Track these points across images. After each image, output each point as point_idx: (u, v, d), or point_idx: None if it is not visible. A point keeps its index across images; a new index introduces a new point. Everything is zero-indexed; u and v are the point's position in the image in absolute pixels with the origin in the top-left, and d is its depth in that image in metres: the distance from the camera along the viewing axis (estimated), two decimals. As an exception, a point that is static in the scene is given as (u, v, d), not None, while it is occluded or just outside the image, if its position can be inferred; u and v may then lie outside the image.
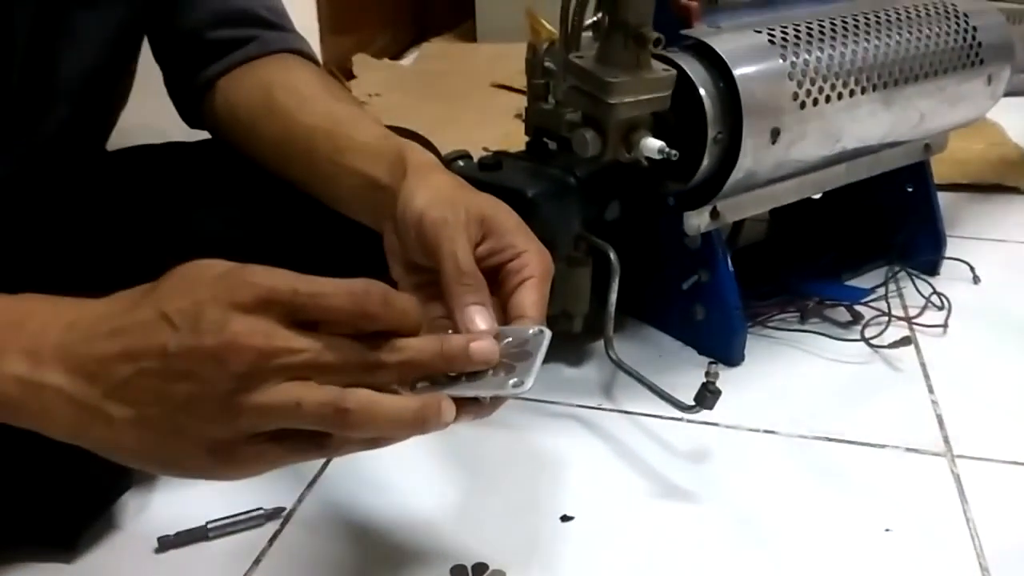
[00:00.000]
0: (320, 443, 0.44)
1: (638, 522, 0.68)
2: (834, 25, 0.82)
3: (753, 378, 0.85)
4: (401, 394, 0.45)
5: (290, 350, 0.42)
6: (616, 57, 0.71)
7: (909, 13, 0.88)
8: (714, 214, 0.83)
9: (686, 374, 0.82)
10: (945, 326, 0.93)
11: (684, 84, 0.75)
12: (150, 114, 0.81)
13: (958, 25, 0.91)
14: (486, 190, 0.59)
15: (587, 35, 0.76)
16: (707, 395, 0.69)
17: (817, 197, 1.00)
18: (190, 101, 0.78)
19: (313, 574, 0.64)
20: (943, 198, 1.04)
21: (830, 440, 0.77)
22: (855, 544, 0.66)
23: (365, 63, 2.00)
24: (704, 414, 0.71)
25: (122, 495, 0.67)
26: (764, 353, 0.88)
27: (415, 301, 0.46)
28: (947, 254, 1.03)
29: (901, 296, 0.98)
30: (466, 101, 1.75)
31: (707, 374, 0.69)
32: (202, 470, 0.45)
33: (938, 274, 1.02)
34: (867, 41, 0.83)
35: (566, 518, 0.68)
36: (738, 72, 0.76)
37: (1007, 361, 0.88)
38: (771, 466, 0.74)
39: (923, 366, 0.87)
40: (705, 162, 0.78)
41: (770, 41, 0.79)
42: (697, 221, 0.82)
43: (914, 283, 0.98)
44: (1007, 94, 1.01)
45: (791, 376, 0.86)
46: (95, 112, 0.75)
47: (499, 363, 0.47)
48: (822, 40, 0.81)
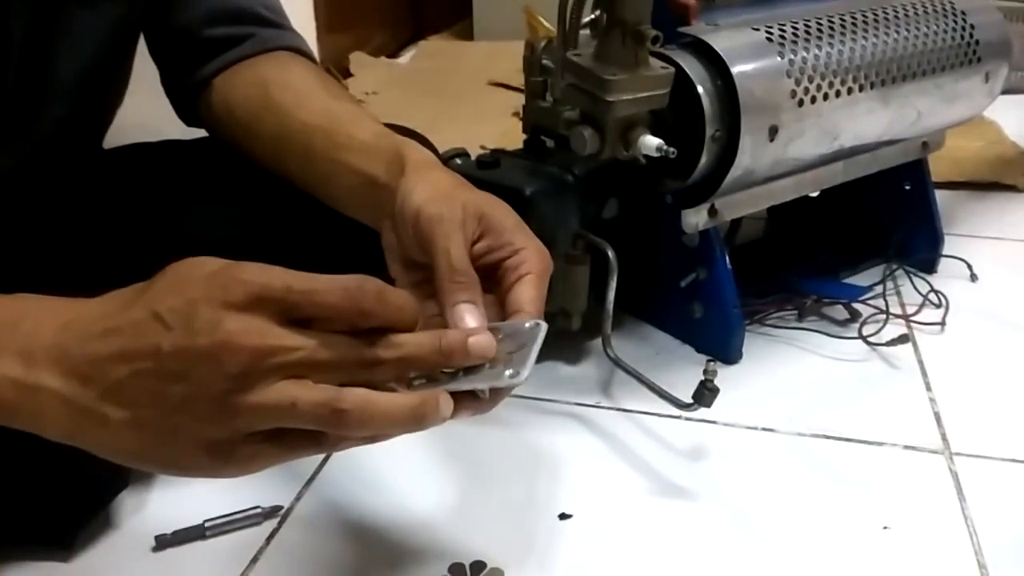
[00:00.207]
0: (317, 440, 0.44)
1: (636, 520, 0.68)
2: (832, 23, 0.82)
3: (751, 376, 0.85)
4: (397, 391, 0.44)
5: (285, 348, 0.41)
6: (614, 55, 0.71)
7: (907, 11, 0.88)
8: (712, 212, 0.83)
9: (684, 372, 0.83)
10: (943, 324, 0.93)
11: (682, 82, 0.75)
12: (146, 112, 0.81)
13: (956, 23, 0.91)
14: (484, 188, 0.59)
15: (585, 33, 0.75)
16: (705, 393, 0.69)
17: (815, 195, 1.00)
18: (186, 99, 0.77)
19: (311, 572, 0.64)
20: (941, 196, 1.04)
21: (828, 438, 0.77)
22: (853, 542, 0.66)
23: (362, 61, 2.00)
24: (702, 412, 0.70)
25: (119, 494, 0.67)
26: (762, 351, 0.88)
27: (411, 297, 0.45)
28: (945, 252, 1.03)
29: (899, 294, 0.98)
30: (463, 99, 1.74)
31: (705, 372, 0.69)
32: (200, 469, 0.44)
33: (936, 272, 1.02)
34: (865, 39, 0.83)
35: (564, 516, 0.68)
36: (736, 70, 0.76)
37: (1005, 358, 0.88)
38: (769, 464, 0.74)
39: (921, 364, 0.87)
40: (703, 160, 0.78)
41: (768, 39, 0.79)
42: (695, 219, 0.82)
43: (912, 281, 0.98)
44: (1004, 92, 1.01)
45: (789, 374, 0.86)
46: (91, 110, 0.75)
47: (496, 356, 0.47)
48: (820, 38, 0.81)
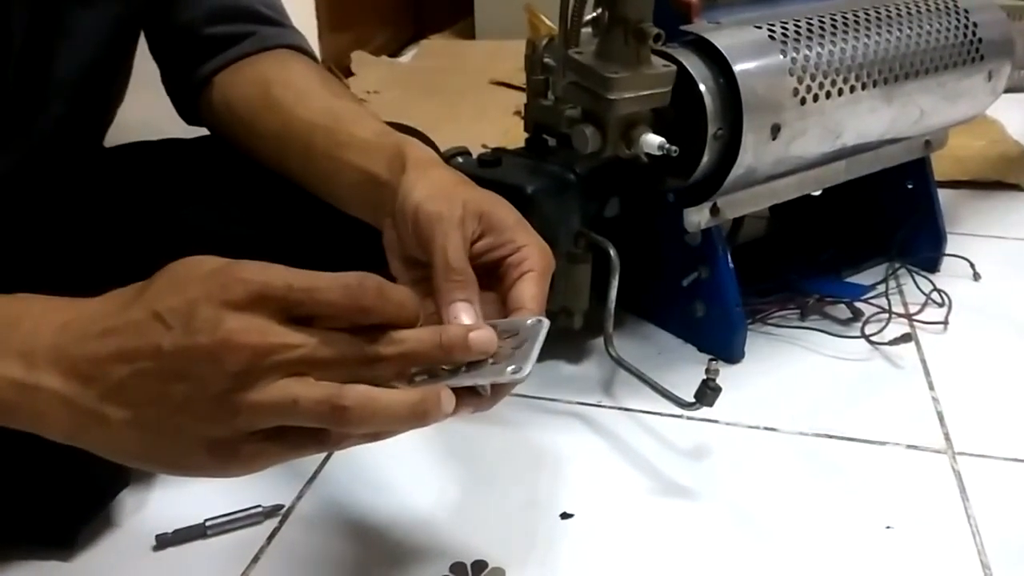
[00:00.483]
0: (319, 438, 0.44)
1: (638, 519, 0.68)
2: (834, 21, 0.82)
3: (753, 375, 0.85)
4: (399, 388, 0.44)
5: (285, 346, 0.41)
6: (616, 53, 0.71)
7: (909, 9, 0.88)
8: (714, 211, 0.82)
9: (686, 371, 0.82)
10: (945, 323, 0.93)
11: (684, 80, 0.75)
12: (147, 111, 0.81)
13: (959, 21, 0.91)
14: (485, 186, 0.59)
15: (587, 31, 0.75)
16: (707, 392, 0.68)
17: (817, 194, 1.00)
18: (187, 97, 0.77)
19: (312, 572, 0.64)
20: (943, 195, 1.04)
21: (830, 437, 0.77)
22: (856, 541, 0.66)
23: (363, 60, 2.00)
24: (704, 411, 0.70)
25: (120, 493, 0.67)
26: (764, 350, 0.88)
27: (411, 293, 0.45)
28: (947, 251, 1.03)
29: (901, 293, 0.98)
30: (465, 98, 1.74)
31: (707, 371, 0.68)
32: (202, 468, 0.44)
33: (938, 271, 1.02)
34: (867, 37, 0.83)
35: (566, 515, 0.68)
36: (738, 68, 0.76)
37: (1008, 357, 0.88)
38: (771, 463, 0.74)
39: (923, 363, 0.87)
40: (705, 158, 0.78)
41: (770, 37, 0.78)
42: (697, 218, 0.82)
43: (914, 280, 0.98)
44: (1007, 91, 1.01)
45: (791, 373, 0.85)
46: (92, 109, 0.75)
47: (497, 352, 0.47)
48: (822, 36, 0.81)
